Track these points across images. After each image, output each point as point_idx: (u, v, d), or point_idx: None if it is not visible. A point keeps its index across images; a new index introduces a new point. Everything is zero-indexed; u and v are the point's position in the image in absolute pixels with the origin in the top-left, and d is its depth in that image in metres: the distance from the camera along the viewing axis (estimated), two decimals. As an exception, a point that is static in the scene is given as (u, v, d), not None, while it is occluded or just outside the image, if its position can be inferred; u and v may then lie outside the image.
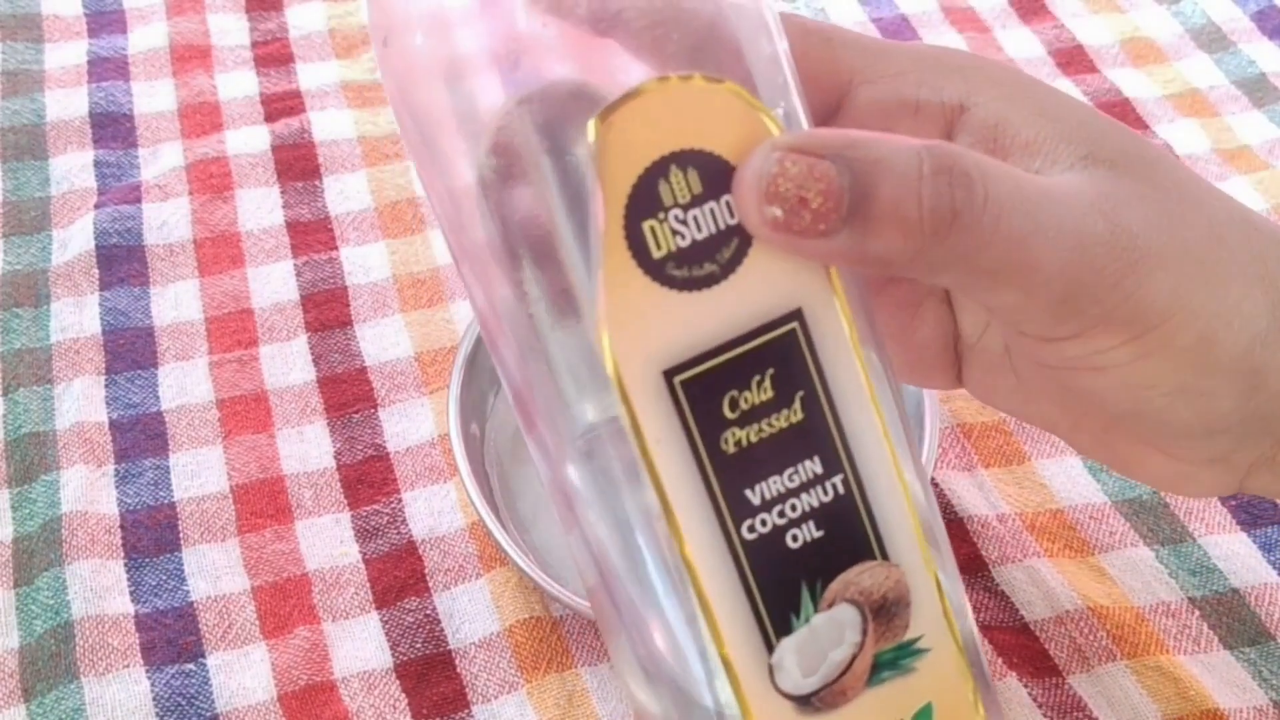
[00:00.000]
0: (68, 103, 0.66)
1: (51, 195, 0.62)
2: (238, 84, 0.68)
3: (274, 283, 0.59)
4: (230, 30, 0.71)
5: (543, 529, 0.50)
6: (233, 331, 0.57)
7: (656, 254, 0.27)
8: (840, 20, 0.73)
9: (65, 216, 0.61)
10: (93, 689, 0.46)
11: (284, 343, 0.57)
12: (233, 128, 0.66)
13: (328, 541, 0.50)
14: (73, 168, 0.63)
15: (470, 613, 0.48)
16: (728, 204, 0.28)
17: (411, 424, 0.54)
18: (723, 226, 0.28)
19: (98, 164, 0.64)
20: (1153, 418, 0.32)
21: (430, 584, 0.49)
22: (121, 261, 0.59)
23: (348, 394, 0.55)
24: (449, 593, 0.49)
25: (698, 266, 0.27)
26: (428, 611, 0.48)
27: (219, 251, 0.60)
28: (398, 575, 0.49)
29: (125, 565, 0.49)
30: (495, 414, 0.52)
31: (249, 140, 0.65)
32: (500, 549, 0.47)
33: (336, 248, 0.60)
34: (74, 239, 0.60)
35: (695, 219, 0.27)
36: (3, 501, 0.51)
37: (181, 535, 0.50)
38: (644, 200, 0.27)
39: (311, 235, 0.61)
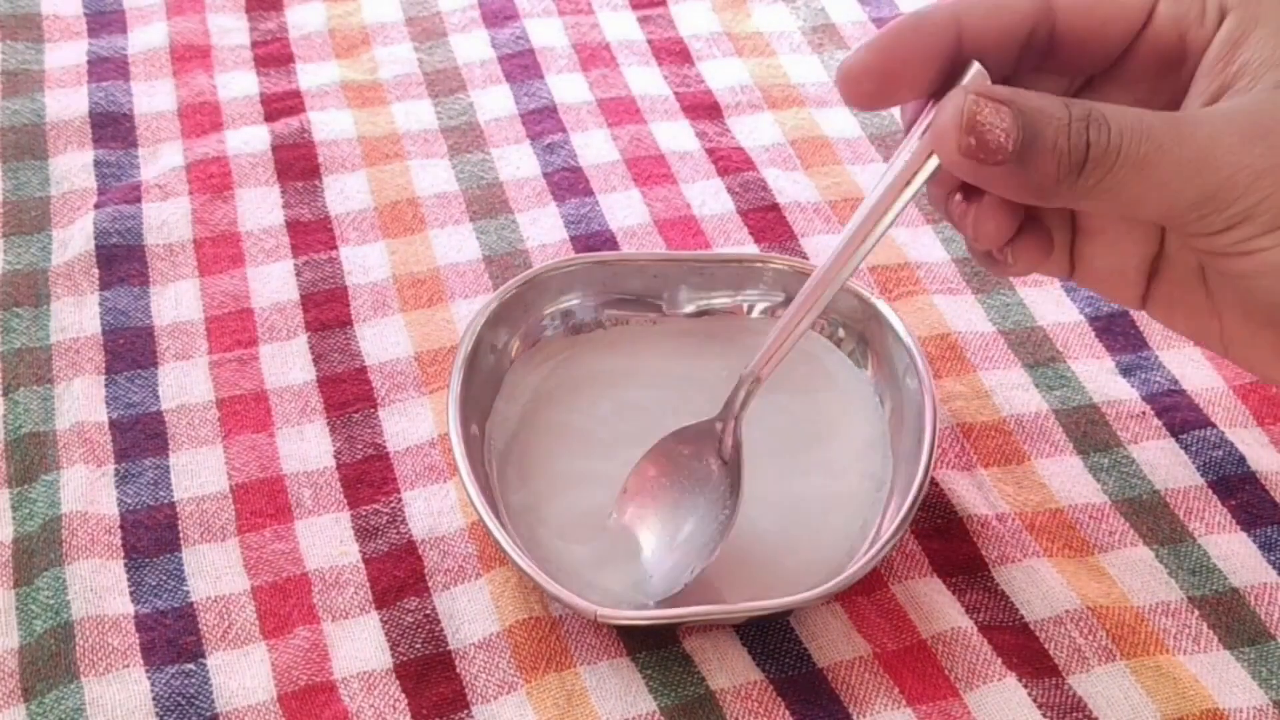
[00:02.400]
0: (68, 102, 0.67)
1: (51, 195, 0.62)
2: (238, 84, 0.68)
3: (274, 282, 0.59)
4: (230, 30, 0.71)
5: (543, 529, 0.50)
6: (233, 331, 0.57)
7: None
8: (840, 20, 0.73)
9: (65, 216, 0.61)
10: (92, 689, 0.46)
11: (284, 342, 0.57)
12: (233, 127, 0.66)
13: (327, 541, 0.50)
14: (73, 167, 0.63)
15: (470, 613, 0.48)
16: None
17: (411, 424, 0.54)
18: None
19: (98, 164, 0.64)
20: None
21: (430, 584, 0.49)
22: (121, 261, 0.59)
23: (347, 394, 0.55)
24: (448, 593, 0.49)
25: None
26: (427, 612, 0.48)
27: (219, 251, 0.60)
28: (397, 575, 0.49)
29: (125, 565, 0.49)
30: (495, 414, 0.52)
31: (249, 140, 0.65)
32: (500, 549, 0.47)
33: (336, 247, 0.60)
34: (74, 239, 0.60)
35: None
36: (3, 501, 0.51)
37: (181, 535, 0.50)
38: None
39: (311, 235, 0.61)
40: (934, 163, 0.42)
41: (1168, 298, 0.46)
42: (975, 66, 0.41)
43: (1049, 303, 0.59)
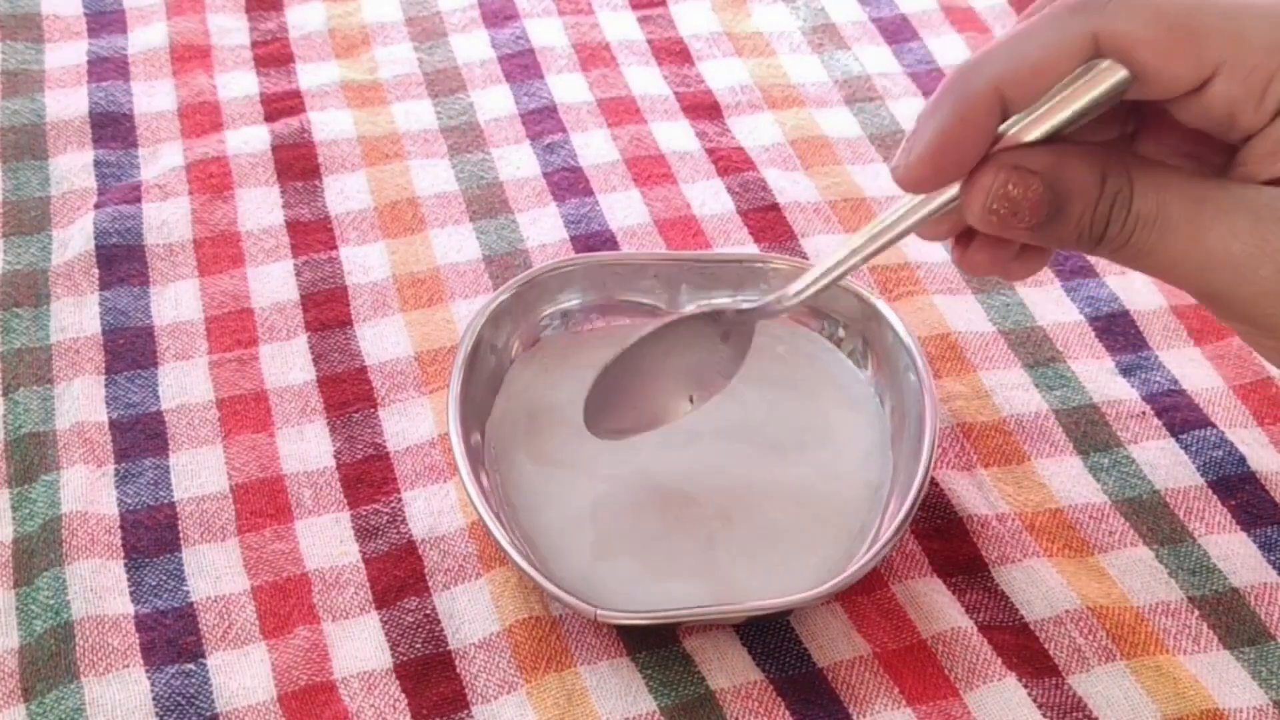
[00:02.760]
0: (68, 102, 0.67)
1: (51, 195, 0.62)
2: (238, 84, 0.68)
3: (274, 282, 0.59)
4: (230, 30, 0.71)
5: (543, 528, 0.49)
6: (232, 331, 0.57)
7: None
8: (840, 20, 0.73)
9: (65, 216, 0.61)
10: (92, 689, 0.46)
11: (284, 342, 0.57)
12: (233, 127, 0.66)
13: (327, 541, 0.50)
14: (73, 167, 0.63)
15: (470, 613, 0.48)
16: None
17: (411, 424, 0.54)
18: None
19: (98, 164, 0.64)
20: None
21: (430, 584, 0.49)
22: (121, 261, 0.59)
23: (348, 393, 0.55)
24: (449, 592, 0.49)
25: None
26: (427, 611, 0.48)
27: (219, 251, 0.60)
28: (397, 575, 0.49)
29: (125, 565, 0.49)
30: (496, 413, 0.52)
31: (249, 140, 0.65)
32: (500, 548, 0.47)
33: (336, 247, 0.60)
34: (74, 239, 0.60)
35: None
36: (3, 501, 0.51)
37: (181, 535, 0.50)
38: None
39: (311, 235, 0.61)
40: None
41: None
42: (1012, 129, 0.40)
43: (1049, 302, 0.59)
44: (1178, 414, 0.54)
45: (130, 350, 0.56)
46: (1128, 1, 0.38)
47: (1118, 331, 0.58)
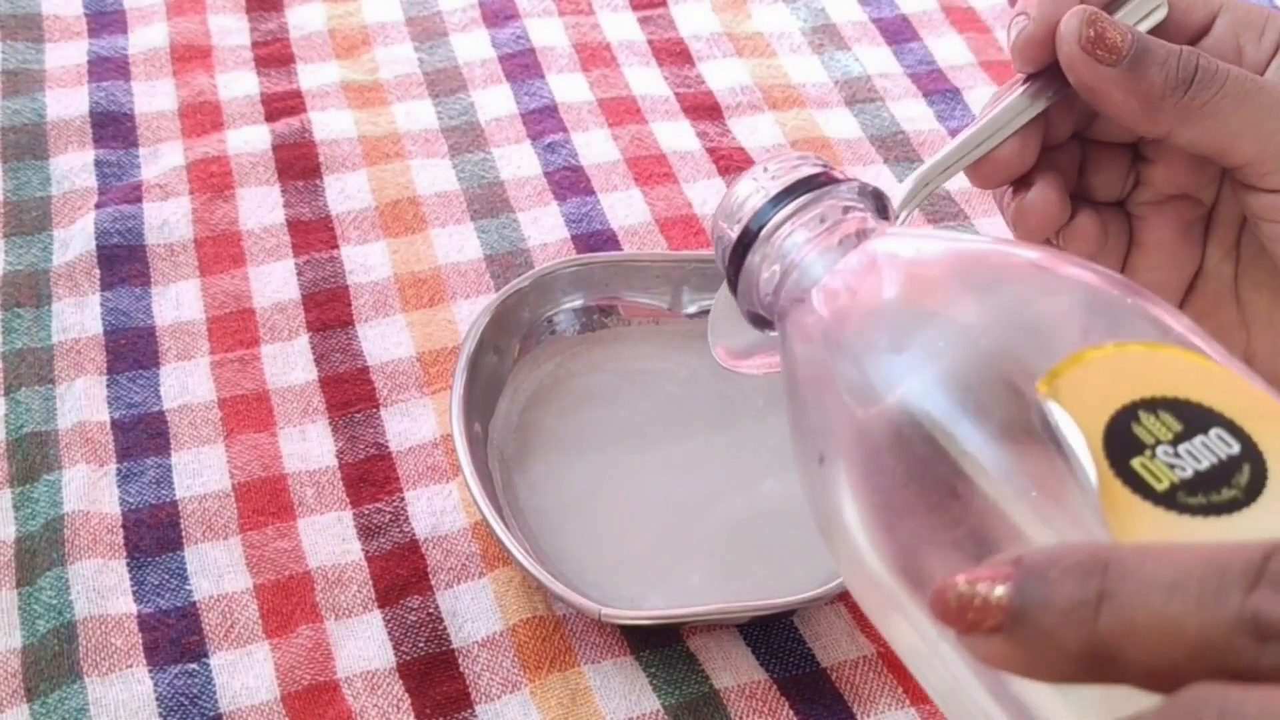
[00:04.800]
0: (68, 102, 0.66)
1: (52, 195, 0.62)
2: (238, 84, 0.68)
3: (275, 282, 0.59)
4: (230, 30, 0.71)
5: (545, 527, 0.49)
6: (234, 331, 0.57)
7: (1160, 487, 0.27)
8: (840, 21, 0.73)
9: (66, 216, 0.61)
10: (96, 689, 0.46)
11: (285, 342, 0.57)
12: (233, 127, 0.66)
13: (330, 539, 0.50)
14: (73, 167, 0.63)
15: (473, 612, 0.48)
16: (1220, 436, 0.28)
17: (414, 424, 0.54)
18: (1224, 457, 0.28)
19: (98, 163, 0.63)
20: None
21: (433, 583, 0.49)
22: (122, 261, 0.59)
23: (349, 393, 0.55)
24: (451, 591, 0.49)
25: (1215, 492, 0.27)
26: (430, 610, 0.48)
27: (220, 251, 0.60)
28: (400, 574, 0.49)
29: (128, 564, 0.49)
30: (498, 414, 0.52)
31: (249, 139, 0.65)
32: (503, 548, 0.47)
33: (337, 247, 0.60)
34: (75, 239, 0.60)
35: (1189, 452, 0.28)
36: (5, 501, 0.51)
37: (184, 534, 0.50)
38: (1122, 446, 0.28)
39: (312, 234, 0.61)
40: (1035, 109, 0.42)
41: (1200, 311, 0.48)
42: None
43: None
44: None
45: (132, 350, 0.56)
46: None
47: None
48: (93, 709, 0.45)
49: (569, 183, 0.63)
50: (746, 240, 0.36)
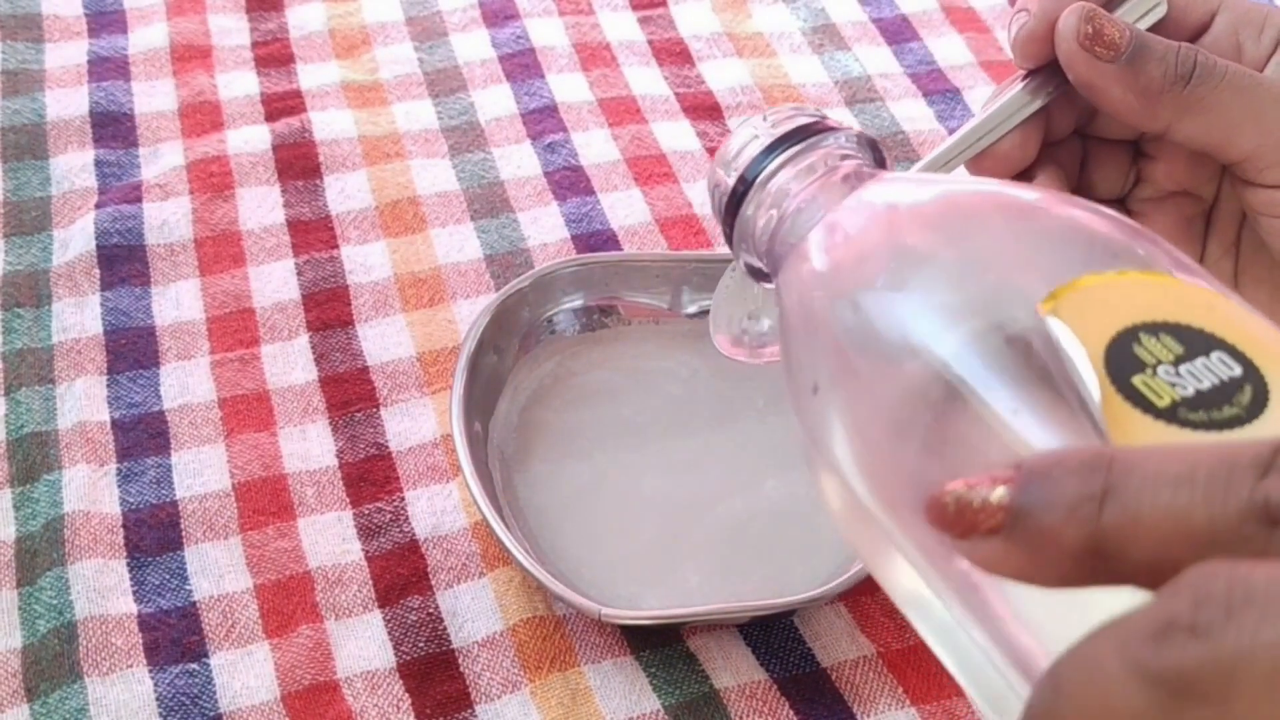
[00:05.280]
0: (68, 102, 0.66)
1: (52, 195, 0.62)
2: (238, 84, 0.68)
3: (275, 282, 0.59)
4: (230, 30, 0.71)
5: (545, 527, 0.49)
6: (234, 331, 0.57)
7: (1162, 403, 0.27)
8: (840, 20, 0.73)
9: (66, 216, 0.61)
10: (96, 689, 0.46)
11: (285, 342, 0.57)
12: (233, 127, 0.66)
13: (330, 539, 0.50)
14: (73, 167, 0.63)
15: (473, 612, 0.48)
16: (1221, 359, 0.28)
17: (414, 424, 0.54)
18: (1226, 378, 0.28)
19: (98, 163, 0.63)
20: None
21: (433, 582, 0.49)
22: (122, 261, 0.59)
23: (349, 393, 0.55)
24: (451, 591, 0.49)
25: (1217, 409, 0.27)
26: (430, 610, 0.48)
27: (220, 251, 0.60)
28: (400, 573, 0.49)
29: (128, 564, 0.49)
30: (498, 413, 0.52)
31: (249, 139, 0.65)
32: (503, 548, 0.47)
33: (337, 246, 0.60)
34: (75, 239, 0.60)
35: (1190, 373, 0.28)
36: (5, 501, 0.51)
37: (184, 534, 0.50)
38: (1122, 364, 0.28)
39: (312, 234, 0.61)
40: (1033, 106, 0.43)
41: None
42: None
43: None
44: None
45: (132, 350, 0.56)
46: None
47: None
48: (93, 709, 0.45)
49: (569, 183, 0.63)
50: (742, 188, 0.36)
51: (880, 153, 0.37)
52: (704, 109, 0.68)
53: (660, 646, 0.47)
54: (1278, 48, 0.43)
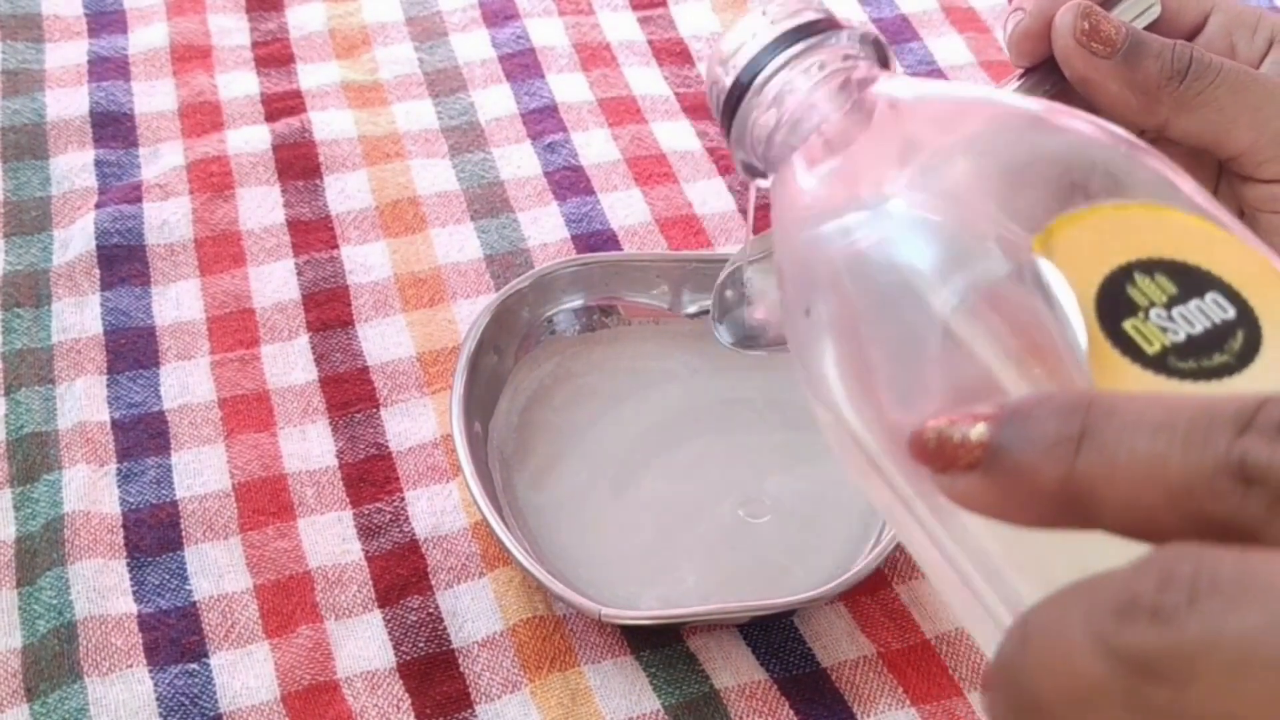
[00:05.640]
0: (68, 102, 0.66)
1: (52, 195, 0.62)
2: (238, 84, 0.68)
3: (275, 282, 0.59)
4: (230, 30, 0.71)
5: (545, 527, 0.49)
6: (234, 331, 0.57)
7: (1151, 350, 0.27)
8: (840, 20, 0.73)
9: (66, 216, 0.61)
10: (96, 689, 0.46)
11: (285, 342, 0.57)
12: (233, 127, 0.66)
13: (330, 539, 0.50)
14: (73, 167, 0.63)
15: (473, 612, 0.48)
16: (1215, 301, 0.28)
17: (414, 424, 0.54)
18: (1218, 321, 0.27)
19: (98, 163, 0.63)
20: None
21: (433, 582, 0.49)
22: (122, 261, 0.59)
23: (350, 393, 0.55)
24: (451, 591, 0.49)
25: (1206, 357, 0.27)
26: (430, 610, 0.48)
27: (220, 251, 0.60)
28: (400, 573, 0.49)
29: (128, 564, 0.49)
30: (498, 413, 0.52)
31: (250, 139, 0.65)
32: (503, 548, 0.47)
33: (338, 246, 0.60)
34: (75, 239, 0.60)
35: (1183, 316, 0.27)
36: (5, 501, 0.51)
37: (184, 534, 0.50)
38: (1114, 307, 0.27)
39: (312, 234, 0.61)
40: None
41: None
42: None
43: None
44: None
45: (132, 350, 0.56)
46: None
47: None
48: (93, 709, 0.45)
49: (569, 183, 0.63)
50: (739, 89, 0.35)
51: (885, 52, 0.36)
52: (704, 109, 0.68)
53: (660, 646, 0.47)
54: (1270, 48, 0.44)
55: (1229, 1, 0.45)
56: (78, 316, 0.57)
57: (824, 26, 0.35)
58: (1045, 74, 0.42)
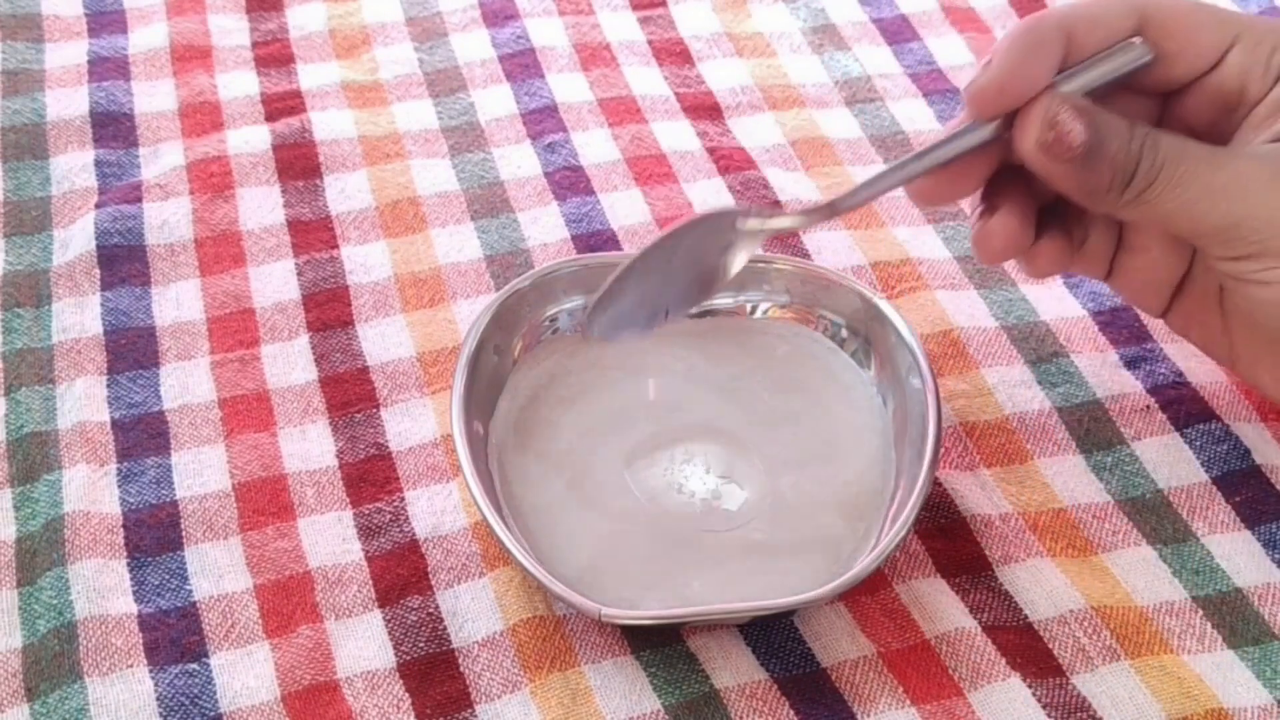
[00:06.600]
0: (68, 102, 0.66)
1: (52, 195, 0.62)
2: (238, 84, 0.68)
3: (275, 282, 0.59)
4: (230, 30, 0.71)
5: (545, 527, 0.49)
6: (234, 331, 0.57)
7: None
8: (840, 20, 0.73)
9: (66, 216, 0.61)
10: (96, 689, 0.46)
11: (285, 342, 0.57)
12: (233, 127, 0.66)
13: (330, 539, 0.50)
14: (73, 167, 0.63)
15: (473, 612, 0.48)
16: None
17: (414, 424, 0.54)
18: None
19: (98, 163, 0.64)
20: None
21: (433, 582, 0.49)
22: (123, 261, 0.59)
23: (350, 393, 0.55)
24: (452, 591, 0.49)
25: None
26: (430, 610, 0.48)
27: (220, 251, 0.60)
28: (400, 573, 0.49)
29: (128, 564, 0.49)
30: (498, 413, 0.52)
31: (250, 139, 0.65)
32: (503, 548, 0.47)
33: (338, 247, 0.60)
34: (75, 239, 0.60)
35: None
36: (5, 501, 0.51)
37: (184, 534, 0.50)
38: None
39: (313, 234, 0.61)
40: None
41: (1187, 313, 0.51)
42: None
43: (1052, 299, 0.59)
44: (1182, 407, 0.54)
45: (132, 350, 0.56)
46: None
47: (1121, 324, 0.58)
48: (93, 709, 0.45)
49: (569, 183, 0.63)
50: None
51: None
52: (704, 109, 0.68)
53: (660, 646, 0.47)
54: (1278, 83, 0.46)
55: (1254, 32, 0.46)
56: (78, 316, 0.57)
57: None
58: (997, 125, 0.46)
